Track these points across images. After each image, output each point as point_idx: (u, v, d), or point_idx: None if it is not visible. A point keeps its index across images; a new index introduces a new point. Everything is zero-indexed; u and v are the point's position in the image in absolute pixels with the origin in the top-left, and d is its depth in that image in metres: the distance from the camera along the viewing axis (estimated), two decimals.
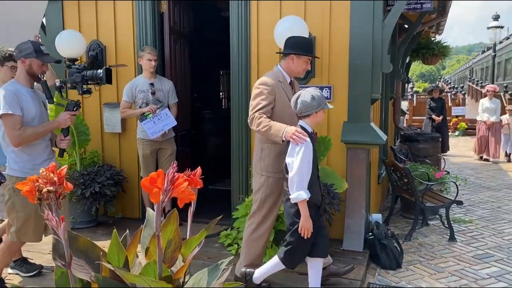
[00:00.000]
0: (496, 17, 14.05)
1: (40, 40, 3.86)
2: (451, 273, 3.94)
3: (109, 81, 3.38)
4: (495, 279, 3.83)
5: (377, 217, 4.43)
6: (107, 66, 3.50)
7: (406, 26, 6.95)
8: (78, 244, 1.34)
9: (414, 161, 6.41)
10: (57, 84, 3.28)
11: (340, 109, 4.27)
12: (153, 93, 4.52)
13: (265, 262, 3.26)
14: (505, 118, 10.36)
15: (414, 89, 34.01)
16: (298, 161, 2.77)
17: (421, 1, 5.31)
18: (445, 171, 6.50)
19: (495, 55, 15.74)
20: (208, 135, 7.10)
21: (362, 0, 3.97)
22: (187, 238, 1.49)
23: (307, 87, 4.33)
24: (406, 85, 14.23)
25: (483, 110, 10.25)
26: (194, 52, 5.94)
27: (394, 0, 4.60)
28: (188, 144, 5.56)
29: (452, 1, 7.01)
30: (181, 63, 5.38)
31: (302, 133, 2.81)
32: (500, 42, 21.33)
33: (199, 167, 1.29)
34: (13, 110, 2.86)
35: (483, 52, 30.83)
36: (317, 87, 4.29)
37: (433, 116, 10.50)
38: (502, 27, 14.23)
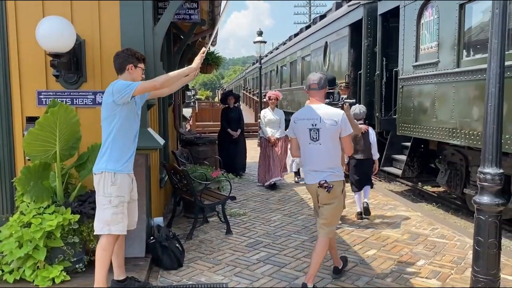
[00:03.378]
0: (260, 33, 16.06)
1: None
2: (227, 264, 4.31)
3: None
4: (263, 262, 4.35)
5: (158, 220, 4.52)
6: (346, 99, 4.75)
7: (182, 37, 7.31)
8: None
9: (195, 163, 6.77)
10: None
11: None
12: None
13: None
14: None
15: (197, 96, 36.14)
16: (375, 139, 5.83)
17: (189, 12, 5.67)
18: (222, 170, 7.07)
19: (261, 67, 17.87)
20: None
21: (131, 0, 3.99)
22: None
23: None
24: (187, 92, 14.87)
25: (266, 124, 7.93)
26: None
27: (164, 9, 4.77)
28: None
29: (219, 15, 7.65)
30: None
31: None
32: (266, 56, 24.40)
33: None
34: None
35: (254, 64, 34.72)
36: (89, 92, 4.16)
37: (230, 131, 8.82)
38: (265, 42, 16.34)
